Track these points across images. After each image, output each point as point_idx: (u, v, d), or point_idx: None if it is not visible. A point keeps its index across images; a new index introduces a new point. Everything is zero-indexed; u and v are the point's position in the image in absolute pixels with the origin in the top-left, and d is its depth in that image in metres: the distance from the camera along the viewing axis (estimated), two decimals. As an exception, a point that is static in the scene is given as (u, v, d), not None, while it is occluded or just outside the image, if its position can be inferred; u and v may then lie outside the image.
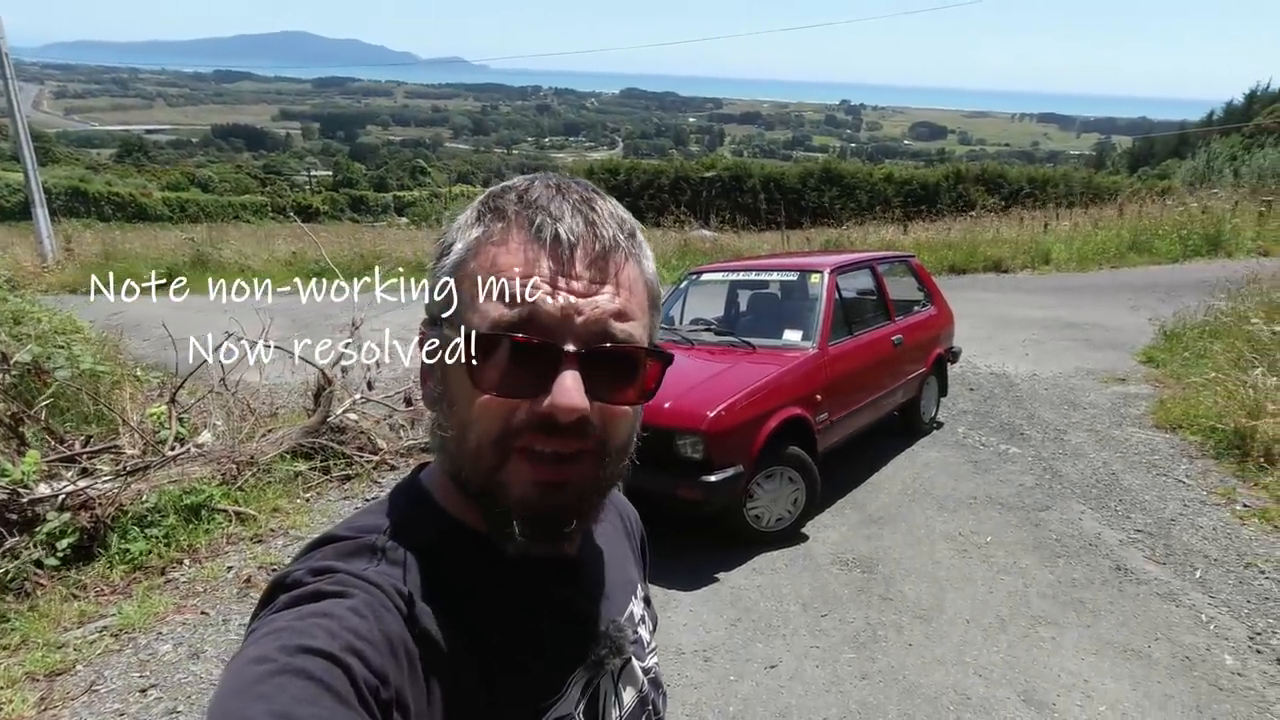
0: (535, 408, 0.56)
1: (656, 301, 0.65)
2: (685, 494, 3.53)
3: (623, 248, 0.60)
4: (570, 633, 0.66)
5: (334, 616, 0.52)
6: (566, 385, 0.55)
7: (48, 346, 4.92)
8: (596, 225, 0.59)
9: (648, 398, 0.62)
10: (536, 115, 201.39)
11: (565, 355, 0.56)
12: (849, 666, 2.88)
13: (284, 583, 0.56)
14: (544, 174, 0.64)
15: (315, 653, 0.49)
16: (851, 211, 20.63)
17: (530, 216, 0.58)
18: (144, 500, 3.79)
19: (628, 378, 0.60)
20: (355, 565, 0.57)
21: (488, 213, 0.61)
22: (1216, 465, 4.61)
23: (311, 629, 0.50)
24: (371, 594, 0.55)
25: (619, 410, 0.60)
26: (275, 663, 0.48)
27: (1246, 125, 30.79)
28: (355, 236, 16.36)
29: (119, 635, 3.07)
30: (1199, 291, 7.52)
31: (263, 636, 0.51)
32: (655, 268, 0.66)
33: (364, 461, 4.77)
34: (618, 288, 0.59)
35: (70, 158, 46.18)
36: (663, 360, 0.62)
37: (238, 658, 0.50)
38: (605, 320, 0.58)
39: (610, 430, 0.59)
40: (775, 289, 5.04)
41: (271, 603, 0.55)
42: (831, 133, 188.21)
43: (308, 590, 0.55)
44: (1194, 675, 2.76)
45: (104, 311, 7.44)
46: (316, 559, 0.59)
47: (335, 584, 0.55)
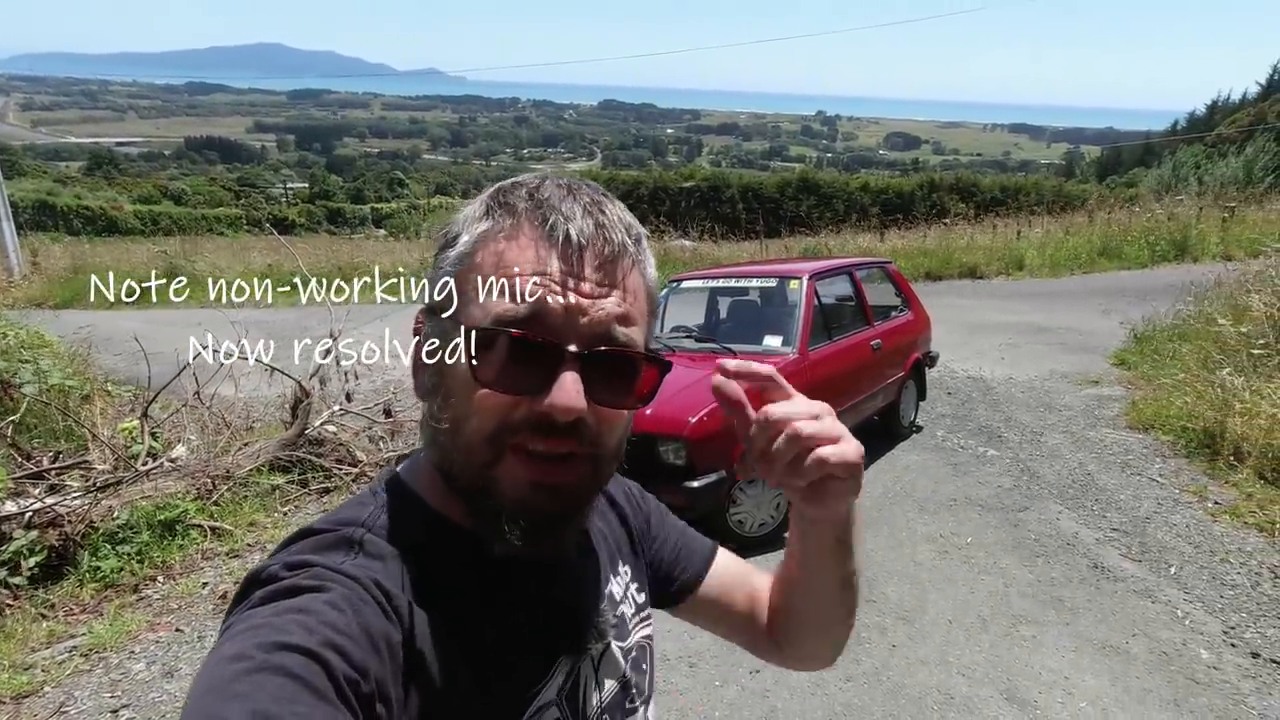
0: (534, 406, 0.56)
1: (655, 308, 0.65)
2: (668, 500, 3.51)
3: (630, 253, 0.60)
4: (550, 619, 0.66)
5: (311, 612, 0.51)
6: (566, 385, 0.55)
7: (13, 361, 4.81)
8: (606, 228, 0.59)
9: (644, 403, 0.62)
10: (515, 127, 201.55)
11: (568, 355, 0.56)
12: (833, 669, 2.88)
13: (259, 578, 0.55)
14: (553, 174, 0.64)
15: (293, 649, 0.48)
16: (829, 220, 20.85)
17: (542, 214, 0.58)
18: (115, 517, 3.71)
19: (626, 382, 0.60)
20: (332, 559, 0.57)
21: (497, 207, 0.60)
22: (1188, 464, 4.71)
23: (288, 625, 0.50)
24: (349, 588, 0.54)
25: (614, 414, 0.60)
26: (252, 660, 0.47)
27: (1209, 135, 31.67)
28: (332, 248, 16.20)
29: (89, 655, 2.99)
30: (1167, 295, 7.69)
31: (239, 633, 0.50)
32: (656, 275, 0.66)
33: (343, 474, 4.70)
34: (624, 292, 0.59)
35: (38, 170, 45.37)
36: (660, 367, 0.62)
37: (213, 655, 0.49)
38: (609, 323, 0.58)
39: (604, 433, 0.59)
40: (755, 295, 5.07)
41: (247, 598, 0.54)
42: (808, 143, 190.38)
43: (284, 585, 0.54)
44: (1171, 669, 2.80)
45: (73, 325, 7.29)
46: (293, 553, 0.58)
47: (312, 578, 0.54)
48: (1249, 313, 5.89)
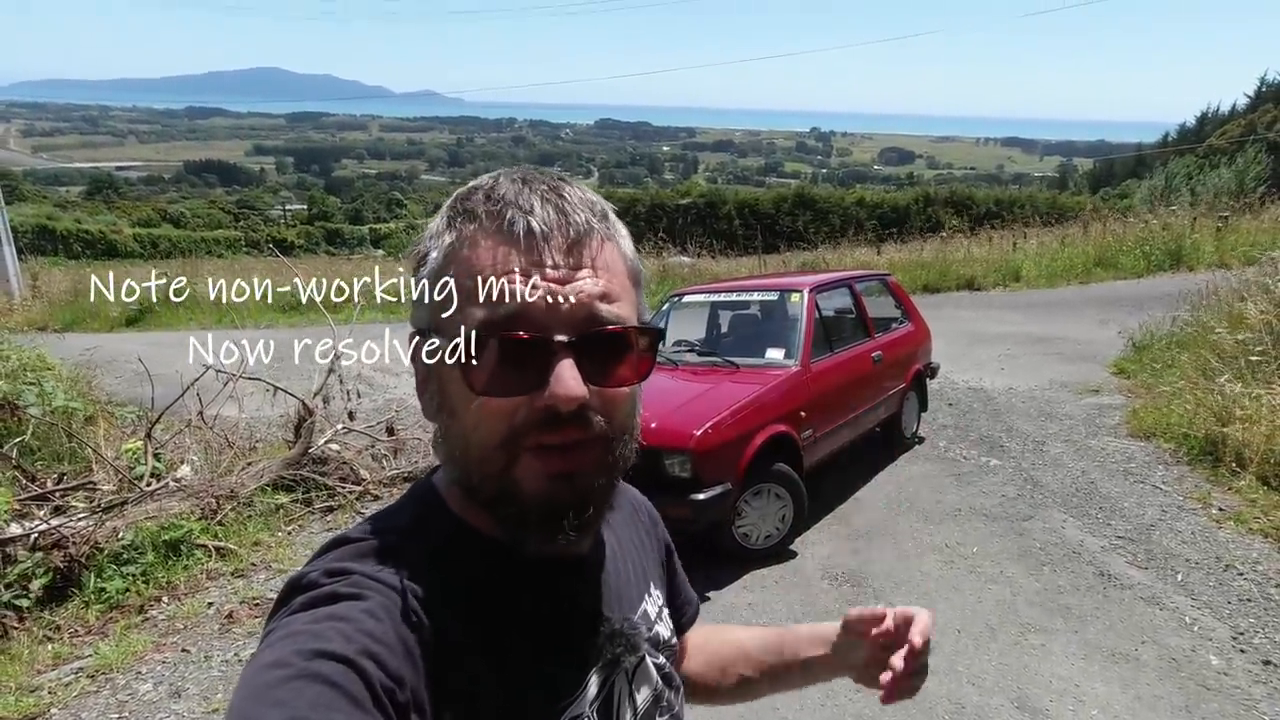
0: (535, 402, 0.56)
1: (639, 279, 0.64)
2: (673, 513, 3.52)
3: (596, 230, 0.59)
4: (584, 632, 0.66)
5: (350, 619, 0.52)
6: (563, 375, 0.55)
7: (17, 384, 4.82)
8: (567, 213, 0.58)
9: (644, 376, 0.62)
10: (512, 147, 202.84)
11: (557, 346, 0.56)
12: (841, 680, 2.87)
13: (300, 584, 0.56)
14: (509, 169, 0.63)
15: (331, 657, 0.48)
16: (825, 235, 21.00)
17: (500, 212, 0.58)
18: (120, 537, 3.71)
19: (621, 359, 0.59)
20: (370, 566, 0.57)
21: (457, 216, 0.60)
22: (1191, 471, 4.72)
23: (327, 632, 0.50)
24: (387, 596, 0.55)
25: (618, 393, 0.60)
26: (292, 667, 0.48)
27: (1200, 146, 31.97)
28: (331, 269, 16.28)
29: (96, 676, 2.97)
30: (1164, 304, 7.73)
31: (279, 640, 0.51)
32: (633, 246, 0.65)
33: (347, 492, 4.70)
34: (596, 270, 0.58)
35: (38, 195, 45.60)
36: (652, 335, 0.62)
37: (254, 662, 0.50)
38: (591, 304, 0.57)
39: (612, 413, 0.59)
40: (756, 309, 5.10)
41: (287, 604, 0.55)
42: (803, 159, 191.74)
43: (324, 592, 0.54)
44: (1181, 676, 2.79)
45: (75, 348, 7.30)
46: (331, 560, 0.58)
47: (350, 586, 0.55)
48: (1245, 320, 5.92)
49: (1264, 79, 36.87)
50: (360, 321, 8.54)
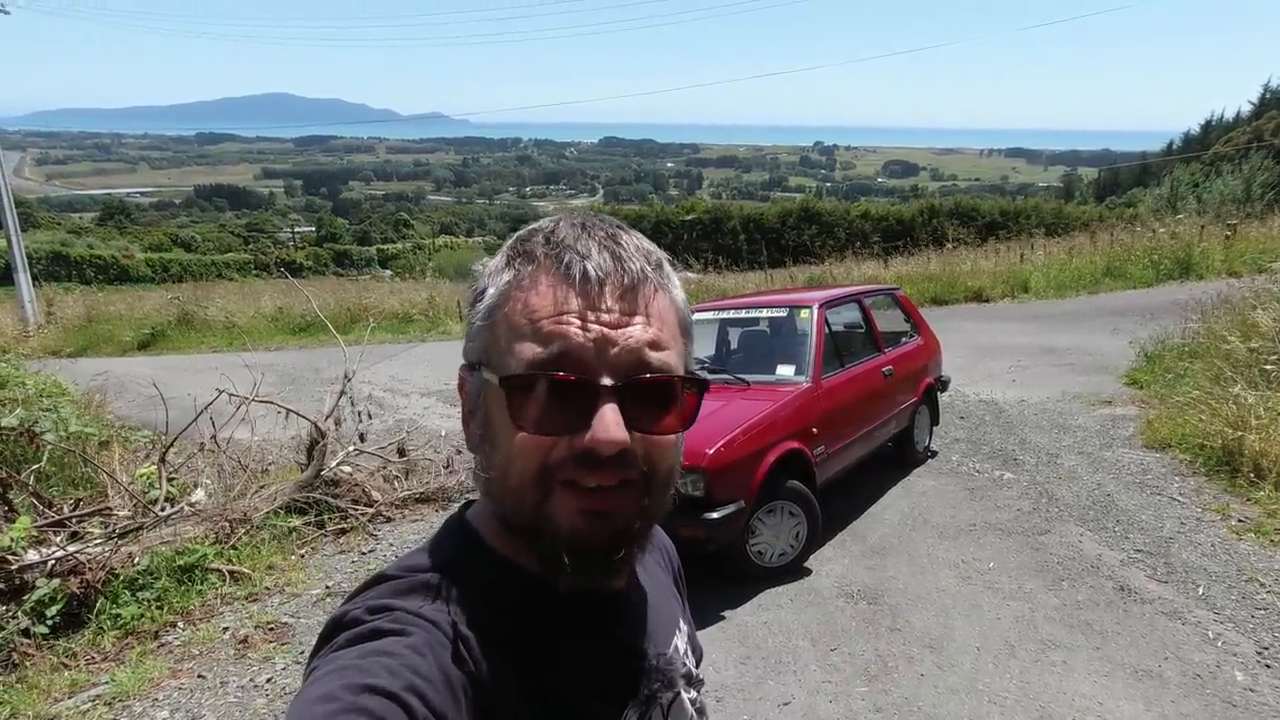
0: (575, 443, 0.57)
1: (688, 329, 0.66)
2: (687, 533, 3.51)
3: (651, 279, 0.61)
4: (622, 668, 0.67)
5: (395, 655, 0.52)
6: (606, 419, 0.56)
7: (34, 410, 4.86)
8: (623, 259, 0.60)
9: (688, 425, 0.62)
10: (517, 165, 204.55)
11: (602, 389, 0.57)
12: (862, 700, 2.85)
13: (343, 621, 0.57)
14: (569, 213, 0.65)
15: (378, 691, 0.49)
16: (831, 249, 20.99)
17: (558, 256, 0.59)
18: (135, 563, 3.72)
19: (666, 407, 0.60)
20: (412, 603, 0.58)
21: (517, 256, 0.62)
22: (1208, 482, 4.67)
23: (373, 667, 0.51)
24: (430, 632, 0.55)
25: (662, 440, 0.60)
26: (339, 701, 0.48)
27: (1205, 154, 31.91)
28: (340, 290, 16.40)
29: (113, 704, 2.97)
30: (1175, 313, 7.68)
31: (326, 675, 0.51)
32: (685, 297, 0.67)
33: (359, 514, 4.71)
34: (649, 318, 0.60)
35: (51, 222, 46.20)
36: (699, 388, 0.63)
37: (302, 696, 0.50)
38: (640, 350, 0.58)
39: (654, 460, 0.60)
40: (765, 325, 5.10)
41: (331, 640, 0.56)
42: (807, 173, 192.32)
43: (367, 628, 0.55)
44: (1206, 693, 2.75)
45: (89, 373, 7.37)
46: (373, 597, 0.59)
47: (394, 622, 0.56)
48: (1258, 328, 5.88)
49: (1268, 85, 36.86)
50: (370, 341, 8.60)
